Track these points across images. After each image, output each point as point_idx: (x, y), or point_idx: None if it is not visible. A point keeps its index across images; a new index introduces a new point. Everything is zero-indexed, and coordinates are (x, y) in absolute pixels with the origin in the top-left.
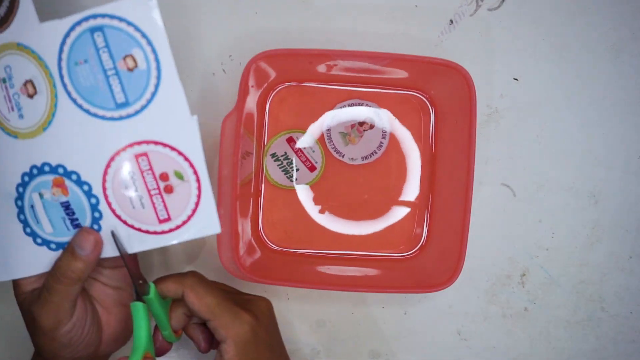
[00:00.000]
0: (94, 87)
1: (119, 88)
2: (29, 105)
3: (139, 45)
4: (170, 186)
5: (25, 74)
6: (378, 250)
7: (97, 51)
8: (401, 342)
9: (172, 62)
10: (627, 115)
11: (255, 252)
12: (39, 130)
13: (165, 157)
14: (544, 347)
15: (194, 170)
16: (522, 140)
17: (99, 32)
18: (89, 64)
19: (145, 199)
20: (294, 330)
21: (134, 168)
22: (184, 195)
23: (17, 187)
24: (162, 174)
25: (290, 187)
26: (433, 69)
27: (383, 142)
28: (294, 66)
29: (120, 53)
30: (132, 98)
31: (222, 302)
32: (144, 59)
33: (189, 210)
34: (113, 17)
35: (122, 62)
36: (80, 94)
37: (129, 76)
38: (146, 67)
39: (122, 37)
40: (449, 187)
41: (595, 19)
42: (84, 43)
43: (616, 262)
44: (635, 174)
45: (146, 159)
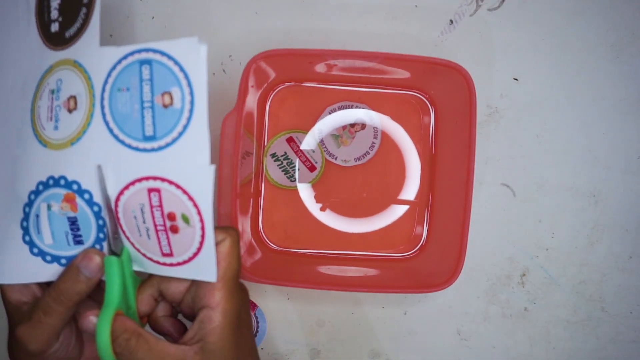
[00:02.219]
0: (128, 115)
1: (150, 121)
2: (66, 119)
3: (179, 84)
4: (176, 226)
5: (72, 89)
6: (378, 250)
7: (140, 82)
8: (401, 342)
9: (206, 107)
10: (627, 115)
11: (255, 252)
12: (67, 144)
13: (176, 198)
14: (544, 347)
15: (200, 218)
16: (522, 140)
17: (147, 65)
18: (129, 92)
19: (151, 232)
20: (294, 330)
21: (144, 201)
22: (187, 238)
23: (30, 194)
24: (170, 214)
25: (290, 187)
26: (433, 69)
27: (375, 142)
28: (293, 66)
29: (161, 88)
30: (160, 134)
31: (237, 278)
32: (180, 99)
33: (190, 253)
34: (163, 53)
35: (160, 97)
36: (114, 119)
37: (163, 112)
38: (180, 107)
39: (166, 73)
40: (449, 187)
41: (595, 19)
42: (132, 72)
43: (616, 262)
44: (635, 174)
45: (158, 195)
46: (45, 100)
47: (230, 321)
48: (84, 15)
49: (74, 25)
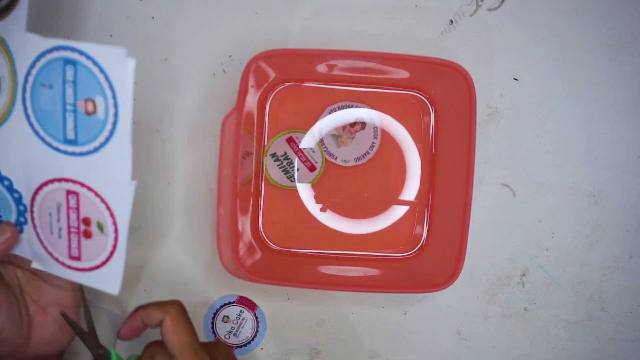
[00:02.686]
0: (50, 113)
1: (72, 125)
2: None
3: (103, 94)
4: (89, 232)
5: (1, 67)
6: (378, 250)
7: (63, 82)
8: (401, 342)
9: (130, 122)
10: (627, 115)
11: (255, 252)
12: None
13: (94, 205)
14: (543, 347)
15: (115, 229)
16: (522, 140)
17: (72, 65)
18: (52, 90)
19: (63, 232)
20: (294, 330)
21: (62, 201)
22: (99, 246)
23: None
24: (86, 218)
25: (290, 187)
26: (433, 69)
27: (375, 142)
28: (293, 66)
29: (85, 94)
30: (81, 140)
31: (194, 344)
32: (104, 109)
33: (98, 261)
34: (89, 57)
35: (83, 104)
36: (35, 114)
37: (85, 119)
38: (104, 118)
39: (91, 79)
40: (449, 187)
41: (595, 19)
42: (55, 69)
43: (616, 262)
44: (635, 174)
45: (76, 198)
46: None
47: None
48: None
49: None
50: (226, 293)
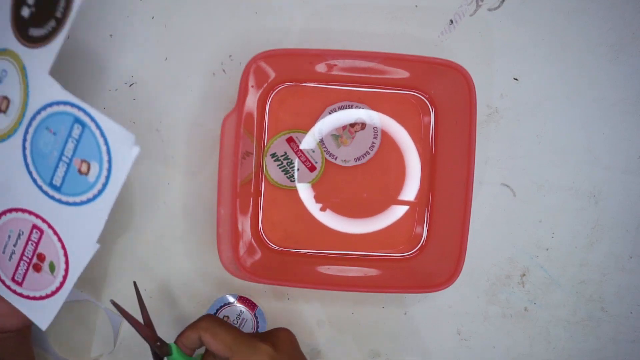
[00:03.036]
0: (45, 156)
1: (61, 174)
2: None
3: (100, 163)
4: (39, 267)
5: (11, 93)
6: (378, 250)
7: (68, 136)
8: (401, 342)
9: (115, 196)
10: (627, 115)
11: (255, 252)
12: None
13: (54, 247)
14: (543, 347)
15: (65, 275)
16: (522, 140)
17: (80, 126)
18: (55, 137)
19: (15, 257)
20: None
21: (26, 230)
22: (43, 282)
23: None
24: (41, 255)
25: (290, 187)
26: (433, 69)
27: (375, 142)
28: (293, 66)
29: (83, 154)
30: (65, 190)
31: (239, 337)
32: (96, 176)
33: (37, 294)
34: (99, 127)
35: (79, 162)
36: (32, 150)
37: (75, 175)
38: (92, 182)
39: (94, 146)
40: (449, 187)
41: (595, 19)
42: (64, 121)
43: (616, 262)
44: (635, 174)
45: (39, 234)
46: None
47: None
48: (51, 27)
49: (42, 27)
50: (226, 293)
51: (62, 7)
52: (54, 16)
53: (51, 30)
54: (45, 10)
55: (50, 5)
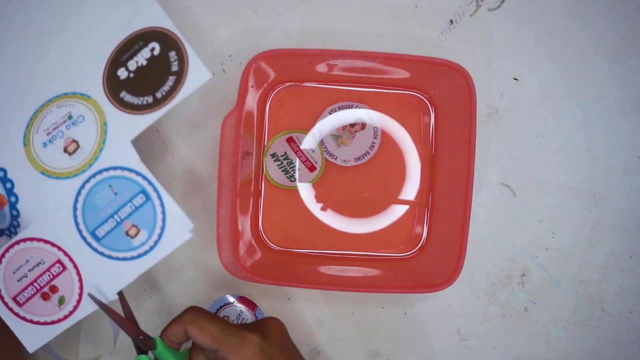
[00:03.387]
0: (97, 208)
1: (107, 229)
2: (55, 151)
3: (150, 233)
4: (48, 296)
5: (83, 139)
6: (378, 250)
7: (128, 201)
8: (401, 342)
9: (148, 267)
10: (627, 115)
11: (255, 252)
12: (39, 167)
13: (71, 285)
14: (544, 347)
15: (71, 312)
16: (522, 140)
17: (145, 197)
18: (114, 197)
19: (25, 280)
20: (294, 330)
21: (48, 262)
22: (46, 311)
23: None
24: (54, 287)
25: (290, 187)
26: (433, 69)
27: (375, 142)
28: (293, 66)
29: (136, 221)
30: (104, 243)
31: (226, 328)
32: (141, 243)
33: (34, 319)
34: (162, 206)
35: (130, 225)
36: (85, 198)
37: (121, 235)
38: (135, 246)
39: (150, 218)
40: (449, 187)
41: (595, 19)
42: (130, 188)
43: (616, 262)
44: (635, 174)
45: (60, 270)
46: (56, 115)
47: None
48: (146, 101)
49: (136, 97)
50: (226, 293)
51: (164, 91)
52: (153, 94)
53: (145, 104)
54: (144, 84)
55: (152, 82)
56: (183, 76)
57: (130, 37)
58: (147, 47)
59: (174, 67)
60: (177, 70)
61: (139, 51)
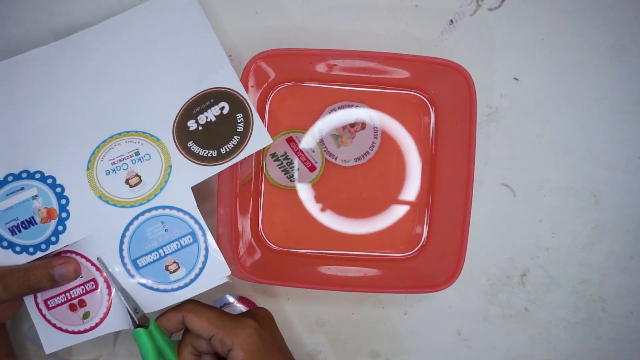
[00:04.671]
0: (145, 239)
1: (148, 261)
2: (117, 182)
3: (188, 272)
4: (75, 307)
5: (147, 176)
6: (378, 250)
7: (176, 239)
8: (401, 342)
9: (177, 301)
10: (627, 115)
11: (255, 252)
12: (98, 192)
13: (99, 304)
14: (544, 347)
15: (91, 328)
16: (522, 140)
17: (192, 239)
18: (164, 233)
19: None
20: (294, 330)
21: (85, 277)
22: (69, 320)
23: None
24: (83, 301)
25: (290, 187)
26: (433, 69)
27: (375, 142)
28: (293, 66)
29: (179, 258)
30: (142, 272)
31: (222, 315)
32: (177, 279)
33: (57, 324)
34: (207, 249)
35: (171, 260)
36: (136, 228)
37: (160, 268)
38: (170, 280)
39: (192, 258)
40: (449, 187)
41: (595, 19)
42: (181, 228)
43: (616, 262)
44: (635, 174)
45: (93, 287)
46: (123, 148)
47: (251, 351)
48: (210, 154)
49: (202, 148)
50: (226, 293)
51: (228, 148)
52: (218, 149)
53: (209, 157)
54: (211, 138)
55: (218, 138)
56: (247, 138)
57: (203, 93)
58: (217, 105)
59: (240, 128)
60: (242, 132)
61: (209, 107)
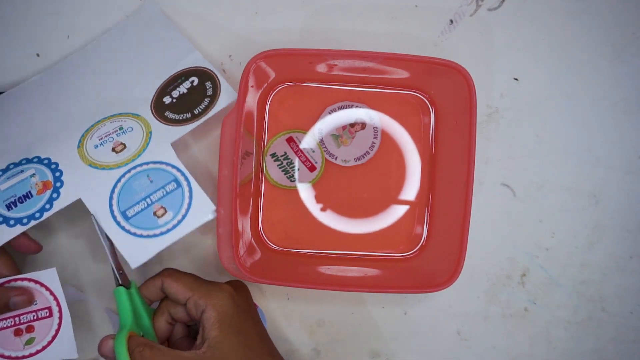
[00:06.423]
0: (133, 192)
1: (137, 210)
2: (105, 150)
3: (175, 214)
4: (21, 332)
5: (130, 142)
6: (378, 250)
7: (161, 187)
8: (401, 342)
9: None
10: (627, 115)
11: (255, 252)
12: (88, 161)
13: (49, 332)
14: (544, 347)
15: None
16: (522, 140)
17: (176, 185)
18: (150, 184)
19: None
20: (294, 330)
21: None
22: (7, 344)
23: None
24: (30, 327)
25: (290, 187)
26: (433, 69)
27: (375, 142)
28: (293, 66)
29: (165, 203)
30: (132, 222)
31: (199, 279)
32: (165, 222)
33: None
34: (190, 191)
35: (158, 206)
36: (124, 184)
37: (149, 215)
38: (159, 224)
39: (178, 201)
40: (449, 187)
41: (595, 19)
42: (165, 177)
43: (617, 262)
44: (635, 174)
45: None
46: (108, 127)
47: (224, 312)
48: (185, 117)
49: (177, 114)
50: None
51: (200, 109)
52: (191, 111)
53: (184, 119)
54: (185, 105)
55: (191, 103)
56: (216, 97)
57: (174, 75)
58: (187, 80)
59: (209, 92)
60: (211, 94)
61: (181, 84)
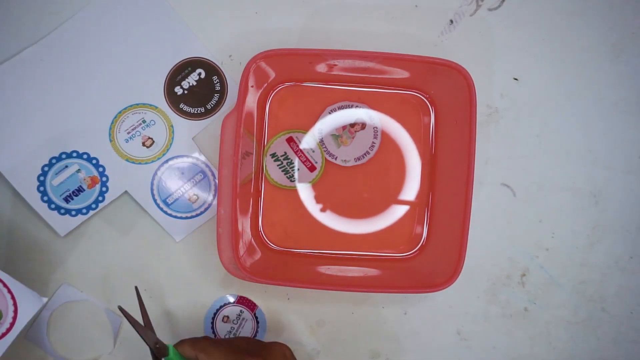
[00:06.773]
0: (168, 183)
1: (175, 197)
2: (136, 144)
3: (207, 196)
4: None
5: (157, 137)
6: (378, 250)
7: (190, 178)
8: (401, 342)
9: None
10: (627, 115)
11: (255, 252)
12: (124, 156)
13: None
14: (544, 347)
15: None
16: (522, 140)
17: (202, 175)
18: (182, 175)
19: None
20: (294, 330)
21: None
22: None
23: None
24: None
25: (290, 187)
26: (433, 69)
27: (375, 142)
28: (293, 66)
29: (197, 191)
30: (172, 207)
31: (230, 355)
32: (199, 205)
33: None
34: (214, 177)
35: (192, 194)
36: (161, 176)
37: (185, 201)
38: (194, 208)
39: (207, 187)
40: (449, 187)
41: (595, 19)
42: (193, 170)
43: (616, 262)
44: (635, 174)
45: None
46: (132, 119)
47: None
48: (199, 111)
49: (191, 107)
50: (226, 293)
51: (211, 104)
52: (205, 106)
53: (199, 113)
54: (196, 98)
55: (202, 97)
56: (224, 94)
57: (181, 63)
58: (195, 72)
59: (217, 87)
60: (220, 90)
61: (189, 75)
